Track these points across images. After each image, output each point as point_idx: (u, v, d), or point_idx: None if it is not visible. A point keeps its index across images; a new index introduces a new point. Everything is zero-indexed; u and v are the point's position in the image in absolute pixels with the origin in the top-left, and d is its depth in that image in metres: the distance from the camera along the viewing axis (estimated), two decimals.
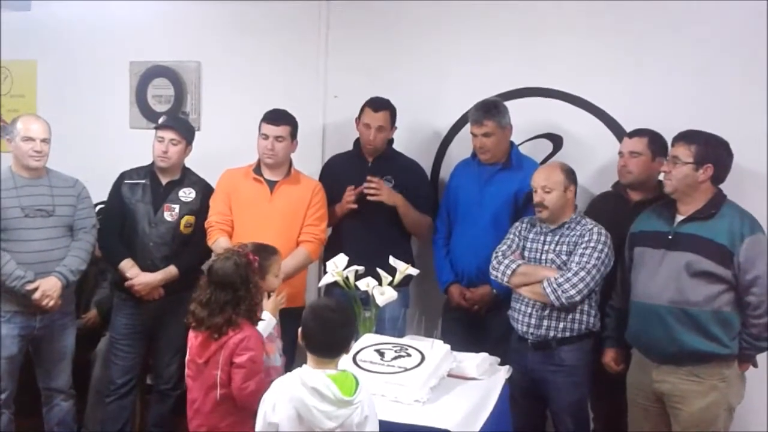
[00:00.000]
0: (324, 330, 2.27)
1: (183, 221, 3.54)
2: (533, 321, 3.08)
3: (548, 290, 2.98)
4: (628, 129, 3.40)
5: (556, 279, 2.98)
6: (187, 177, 3.63)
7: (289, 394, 2.19)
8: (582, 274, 2.97)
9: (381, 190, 3.49)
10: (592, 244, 3.01)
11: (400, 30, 3.93)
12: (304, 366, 2.26)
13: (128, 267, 3.50)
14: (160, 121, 3.64)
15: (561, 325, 3.05)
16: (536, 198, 3.08)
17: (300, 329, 2.30)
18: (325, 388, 2.16)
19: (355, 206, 3.51)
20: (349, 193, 3.52)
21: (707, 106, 3.32)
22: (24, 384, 3.47)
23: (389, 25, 3.95)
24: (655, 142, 3.20)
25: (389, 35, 3.95)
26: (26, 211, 3.31)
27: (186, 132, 3.61)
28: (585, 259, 2.99)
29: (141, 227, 3.53)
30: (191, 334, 2.66)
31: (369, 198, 3.48)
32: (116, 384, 3.61)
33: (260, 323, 2.67)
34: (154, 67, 4.42)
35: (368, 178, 3.50)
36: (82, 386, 3.76)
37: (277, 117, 3.48)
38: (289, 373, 2.28)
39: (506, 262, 3.12)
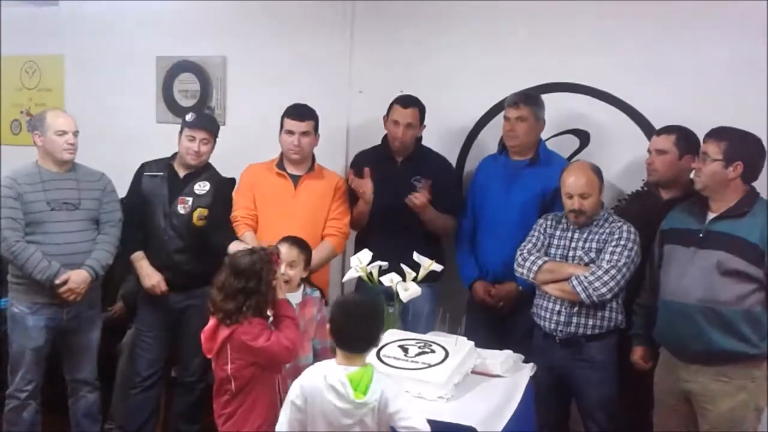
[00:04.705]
0: (350, 324, 2.28)
1: (195, 214, 3.53)
2: (562, 318, 3.05)
3: (579, 288, 2.95)
4: (657, 126, 3.34)
5: (586, 277, 2.96)
6: (204, 170, 3.63)
7: (316, 388, 2.22)
8: (613, 272, 2.94)
9: (420, 203, 3.38)
10: (622, 242, 2.98)
11: (425, 25, 3.91)
12: (331, 360, 2.28)
13: (138, 259, 3.54)
14: (189, 118, 3.58)
15: (590, 322, 3.02)
16: (574, 205, 3.03)
17: (328, 324, 2.31)
18: (342, 387, 2.18)
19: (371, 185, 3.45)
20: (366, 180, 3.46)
21: (739, 103, 3.25)
22: (50, 376, 3.51)
23: (414, 20, 3.93)
24: (684, 140, 3.14)
25: (414, 30, 3.94)
26: (52, 205, 3.34)
27: (216, 130, 3.63)
28: (616, 257, 2.96)
29: (157, 220, 3.55)
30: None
31: (406, 201, 3.39)
32: (142, 376, 3.64)
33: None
34: (181, 62, 4.45)
35: (419, 187, 3.42)
36: (108, 378, 3.79)
37: (301, 113, 3.48)
38: (318, 365, 2.30)
39: (532, 258, 3.09)
